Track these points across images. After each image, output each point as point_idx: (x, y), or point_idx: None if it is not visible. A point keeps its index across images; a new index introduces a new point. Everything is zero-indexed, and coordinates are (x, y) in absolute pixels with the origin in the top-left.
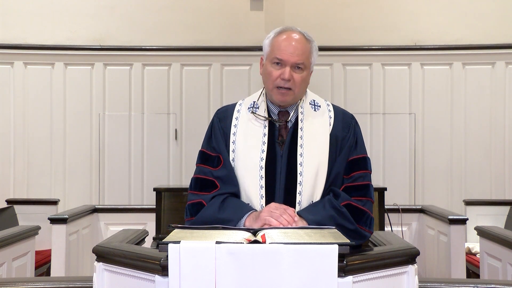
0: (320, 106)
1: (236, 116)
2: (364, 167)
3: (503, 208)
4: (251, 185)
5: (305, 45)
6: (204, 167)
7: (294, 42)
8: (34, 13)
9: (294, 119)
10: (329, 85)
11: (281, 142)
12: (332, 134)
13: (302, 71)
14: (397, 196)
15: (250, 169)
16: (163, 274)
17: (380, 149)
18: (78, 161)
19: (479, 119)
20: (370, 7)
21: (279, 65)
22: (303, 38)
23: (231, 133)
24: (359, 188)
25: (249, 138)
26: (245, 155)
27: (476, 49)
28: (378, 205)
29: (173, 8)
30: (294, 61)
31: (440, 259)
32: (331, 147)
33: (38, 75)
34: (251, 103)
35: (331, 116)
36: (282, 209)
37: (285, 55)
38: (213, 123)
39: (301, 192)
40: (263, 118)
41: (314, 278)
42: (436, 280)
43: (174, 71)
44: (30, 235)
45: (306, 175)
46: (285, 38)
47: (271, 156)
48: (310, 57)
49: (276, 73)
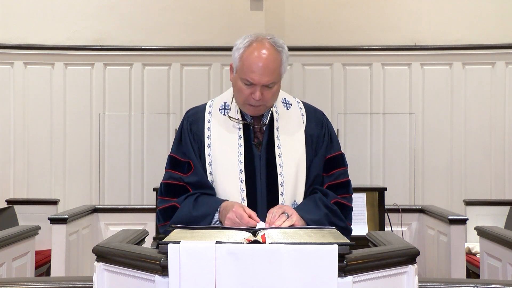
0: (291, 104)
1: (208, 118)
2: (343, 164)
3: (503, 208)
4: (231, 189)
5: (275, 61)
6: (174, 172)
7: (263, 64)
8: (34, 13)
9: (268, 120)
10: (329, 85)
11: (258, 143)
12: (306, 131)
13: (273, 87)
14: (397, 196)
15: (229, 173)
16: (163, 274)
17: (380, 149)
18: (78, 161)
19: (479, 119)
20: (370, 7)
21: (249, 85)
22: (273, 52)
23: (205, 136)
24: (342, 186)
25: (225, 141)
26: (222, 159)
27: (476, 49)
28: (378, 205)
29: (173, 8)
30: (264, 82)
31: (440, 259)
32: (307, 145)
33: (38, 75)
34: (221, 104)
35: (303, 114)
36: (282, 210)
37: (256, 78)
38: (183, 126)
39: (283, 193)
40: (237, 121)
41: (314, 278)
42: (436, 280)
43: (174, 71)
44: (30, 235)
45: (286, 175)
46: (254, 57)
47: (249, 159)
48: (281, 70)
49: (247, 92)
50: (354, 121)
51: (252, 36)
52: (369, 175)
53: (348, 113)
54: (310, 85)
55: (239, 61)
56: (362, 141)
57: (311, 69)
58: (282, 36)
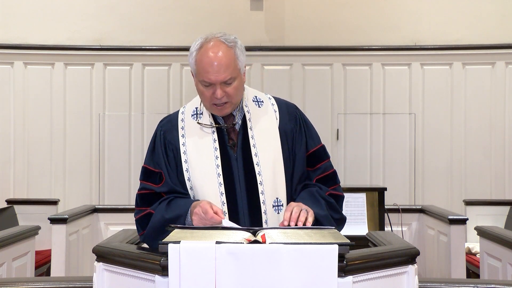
0: (263, 102)
1: (182, 125)
2: (325, 156)
3: (503, 208)
4: (210, 194)
5: (228, 57)
6: (147, 183)
7: (216, 62)
8: (34, 13)
9: (241, 120)
10: (329, 85)
11: (233, 145)
12: (280, 127)
13: (233, 82)
14: (397, 196)
15: (207, 178)
16: (163, 274)
17: (380, 149)
18: (78, 161)
19: (479, 119)
20: (370, 7)
21: (208, 86)
22: (224, 49)
23: (180, 144)
24: (330, 177)
25: (200, 147)
26: (199, 165)
27: (476, 49)
28: (378, 205)
29: (173, 8)
30: (221, 79)
31: (440, 259)
32: (282, 141)
33: (38, 75)
34: (193, 110)
35: (275, 110)
36: (299, 208)
37: (212, 77)
38: (156, 136)
39: (263, 192)
40: (209, 126)
41: (314, 278)
42: (436, 280)
43: (174, 71)
44: (30, 235)
45: (264, 174)
46: (207, 57)
47: (225, 161)
48: (237, 64)
49: (208, 93)
50: (354, 121)
51: (202, 38)
52: (369, 175)
53: (348, 113)
54: (310, 85)
55: (194, 65)
56: (362, 141)
57: (311, 69)
58: (282, 36)
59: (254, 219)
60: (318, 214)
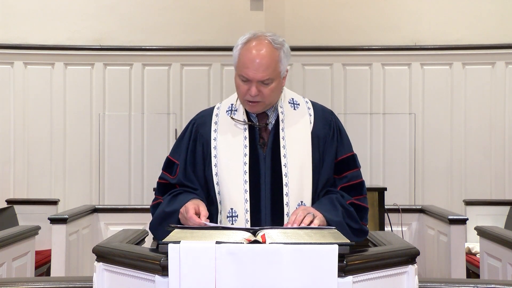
0: (299, 105)
1: (215, 120)
2: (354, 165)
3: (503, 208)
4: (235, 190)
5: (271, 58)
6: (165, 174)
7: (258, 59)
8: (34, 13)
9: (275, 120)
10: (329, 85)
11: (263, 144)
12: (314, 132)
13: (270, 84)
14: (397, 196)
15: (233, 174)
16: (163, 274)
17: (380, 149)
18: (78, 161)
19: (479, 119)
20: (370, 7)
21: (246, 81)
22: (270, 49)
23: (211, 138)
24: (355, 187)
25: (230, 143)
26: (227, 161)
27: (476, 49)
28: (378, 205)
29: (173, 8)
30: (259, 78)
31: (440, 259)
32: (313, 146)
33: (38, 75)
34: (229, 106)
35: (311, 114)
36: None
37: (250, 73)
38: (187, 129)
39: (288, 193)
40: (242, 122)
41: (314, 278)
42: (436, 280)
43: (174, 71)
44: (30, 235)
45: (291, 176)
46: (250, 53)
47: (254, 160)
48: (279, 66)
49: (244, 88)
50: (354, 121)
51: (251, 33)
52: (369, 175)
53: (348, 113)
54: (310, 85)
55: (237, 58)
56: (362, 141)
57: (311, 69)
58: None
59: (276, 220)
60: (331, 220)
